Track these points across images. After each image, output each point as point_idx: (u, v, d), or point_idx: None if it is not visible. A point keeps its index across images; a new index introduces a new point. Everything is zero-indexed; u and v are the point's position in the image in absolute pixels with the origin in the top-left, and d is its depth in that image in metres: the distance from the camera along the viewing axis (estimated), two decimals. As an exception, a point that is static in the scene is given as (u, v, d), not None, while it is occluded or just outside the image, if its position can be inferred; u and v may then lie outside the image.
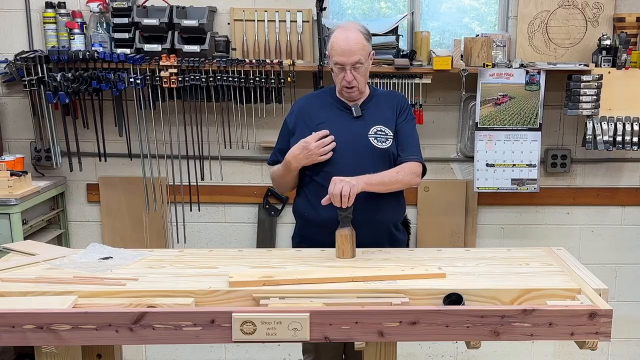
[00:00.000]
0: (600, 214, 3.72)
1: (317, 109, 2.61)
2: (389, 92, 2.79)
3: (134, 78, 3.25)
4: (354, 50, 2.43)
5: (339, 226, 2.32)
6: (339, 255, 2.32)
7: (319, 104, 2.62)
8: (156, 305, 1.91)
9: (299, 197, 2.65)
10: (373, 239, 2.50)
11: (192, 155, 3.53)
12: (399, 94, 2.82)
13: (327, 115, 2.57)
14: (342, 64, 2.45)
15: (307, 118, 2.59)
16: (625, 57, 3.35)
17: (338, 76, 2.50)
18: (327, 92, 2.67)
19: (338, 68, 2.48)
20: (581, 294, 1.98)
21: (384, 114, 2.59)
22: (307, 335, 1.80)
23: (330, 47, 2.49)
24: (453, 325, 1.82)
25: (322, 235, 2.46)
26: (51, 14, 3.35)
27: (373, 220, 2.51)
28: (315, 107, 2.62)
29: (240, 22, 3.43)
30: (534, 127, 3.42)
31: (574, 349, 3.76)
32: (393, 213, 2.61)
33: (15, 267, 2.19)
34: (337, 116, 2.57)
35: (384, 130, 2.55)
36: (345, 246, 2.31)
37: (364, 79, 2.54)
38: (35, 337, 1.79)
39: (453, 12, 3.78)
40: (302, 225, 2.65)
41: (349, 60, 2.44)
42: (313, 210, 2.53)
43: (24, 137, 3.56)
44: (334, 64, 2.49)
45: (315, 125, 2.54)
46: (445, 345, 3.82)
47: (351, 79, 2.46)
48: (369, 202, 2.47)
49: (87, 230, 3.70)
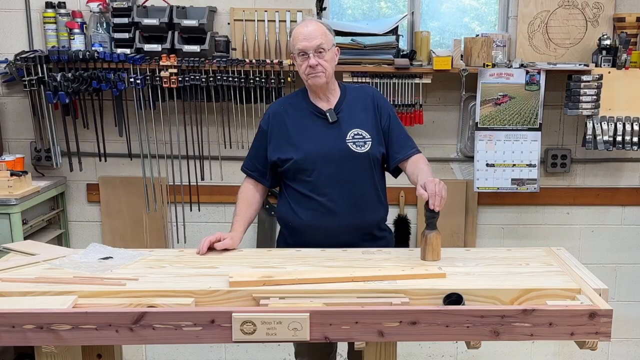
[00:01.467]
0: (600, 214, 3.72)
1: (291, 115, 2.56)
2: (359, 87, 2.70)
3: (134, 78, 3.25)
4: (315, 35, 2.42)
5: (428, 228, 2.28)
6: (432, 257, 2.28)
7: (293, 110, 2.57)
8: (156, 305, 1.91)
9: (282, 205, 2.62)
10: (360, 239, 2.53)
11: (192, 155, 3.53)
12: (370, 88, 2.72)
13: (302, 123, 2.53)
14: (304, 50, 2.42)
15: (282, 125, 2.55)
16: (625, 57, 3.35)
17: (302, 66, 2.46)
18: (299, 95, 2.61)
19: (301, 57, 2.45)
20: (581, 294, 1.98)
21: (359, 116, 2.55)
22: (307, 335, 1.80)
23: (292, 39, 2.48)
24: (453, 325, 1.82)
25: (305, 240, 2.50)
26: (51, 14, 3.35)
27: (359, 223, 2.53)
28: (289, 113, 2.57)
29: (240, 22, 3.43)
30: (534, 127, 3.43)
31: (574, 349, 3.76)
32: (377, 214, 2.60)
33: (15, 267, 2.19)
34: (312, 123, 2.53)
35: (360, 133, 2.51)
36: (438, 248, 2.30)
37: (330, 66, 2.48)
38: (35, 337, 1.79)
39: (453, 12, 3.78)
40: (286, 232, 2.64)
41: (311, 44, 2.41)
42: (296, 218, 2.54)
43: (24, 137, 3.56)
44: (297, 54, 2.45)
45: (290, 134, 2.52)
46: (445, 345, 3.82)
47: (315, 63, 2.42)
48: (354, 206, 2.50)
49: (87, 230, 3.70)
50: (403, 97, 3.39)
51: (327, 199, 2.49)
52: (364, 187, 2.53)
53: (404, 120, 3.39)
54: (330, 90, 2.55)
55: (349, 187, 2.49)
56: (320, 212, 2.50)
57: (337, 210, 2.49)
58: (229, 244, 2.42)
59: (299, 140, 2.51)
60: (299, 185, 2.52)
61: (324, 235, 2.49)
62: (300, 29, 2.47)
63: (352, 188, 2.50)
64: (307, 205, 2.51)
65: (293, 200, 2.54)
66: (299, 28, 2.48)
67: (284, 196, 2.60)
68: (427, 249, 2.28)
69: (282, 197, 2.63)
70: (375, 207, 2.58)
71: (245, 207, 2.60)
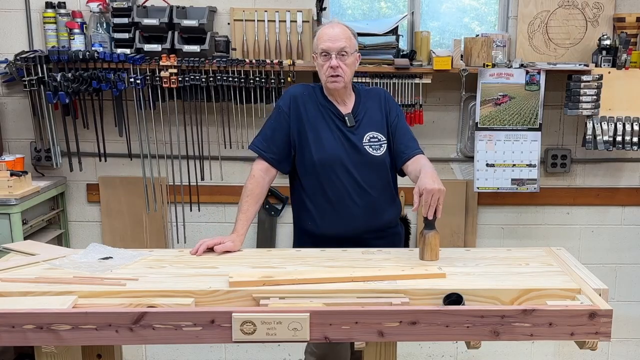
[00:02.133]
0: (600, 214, 3.72)
1: (309, 106, 2.54)
2: (370, 89, 2.72)
3: (134, 78, 3.25)
4: (340, 37, 2.44)
5: (427, 228, 2.29)
6: (430, 257, 2.28)
7: (311, 105, 2.55)
8: (156, 305, 1.91)
9: (302, 211, 2.60)
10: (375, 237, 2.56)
11: (192, 155, 3.53)
12: (380, 89, 2.75)
13: (320, 123, 2.52)
14: (328, 50, 2.43)
15: (301, 111, 2.53)
16: (625, 57, 3.35)
17: (323, 67, 2.46)
18: (317, 92, 2.59)
19: (323, 57, 2.45)
20: (581, 294, 1.98)
21: (374, 118, 2.57)
22: (307, 335, 1.80)
23: (316, 39, 2.49)
24: (453, 325, 1.82)
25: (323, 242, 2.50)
26: (51, 14, 3.35)
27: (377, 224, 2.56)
28: (307, 107, 2.55)
29: (240, 22, 3.43)
30: (534, 127, 3.43)
31: (574, 349, 3.76)
32: (392, 212, 2.64)
33: (15, 267, 2.19)
34: (330, 125, 2.53)
35: (376, 136, 2.55)
36: (437, 248, 2.30)
37: (350, 72, 2.49)
38: (35, 337, 1.79)
39: (453, 12, 3.78)
40: (304, 238, 2.63)
41: (335, 45, 2.43)
42: (315, 225, 2.55)
43: (24, 137, 3.56)
44: (320, 54, 2.46)
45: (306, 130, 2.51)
46: (445, 345, 3.82)
47: (336, 64, 2.43)
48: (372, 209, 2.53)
49: (87, 230, 3.70)
50: (403, 97, 3.39)
51: (345, 206, 2.51)
52: (380, 189, 2.56)
53: (404, 120, 3.41)
54: (347, 94, 2.57)
55: (367, 190, 2.52)
56: (336, 218, 2.52)
57: (357, 214, 2.52)
58: (229, 247, 2.39)
59: (322, 139, 2.51)
60: (321, 189, 2.52)
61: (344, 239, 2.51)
62: (326, 29, 2.48)
63: (370, 191, 2.53)
64: (326, 209, 2.52)
65: (314, 206, 2.54)
66: (325, 29, 2.49)
67: (304, 204, 2.57)
68: (426, 249, 2.29)
69: (301, 205, 2.60)
70: (391, 205, 2.62)
71: (252, 202, 2.52)
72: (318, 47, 2.47)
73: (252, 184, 2.54)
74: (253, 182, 2.54)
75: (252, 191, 2.53)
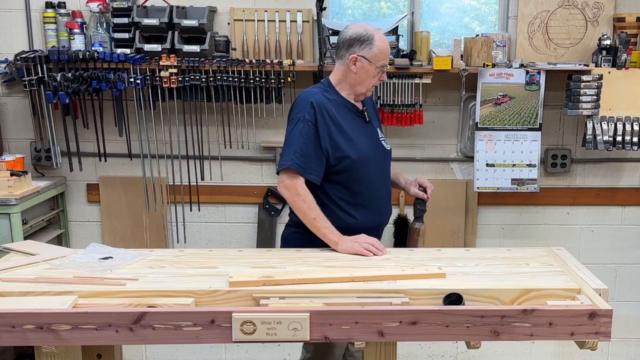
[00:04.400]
0: (600, 214, 3.72)
1: (330, 109, 2.51)
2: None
3: (134, 78, 3.25)
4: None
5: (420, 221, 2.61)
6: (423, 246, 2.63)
7: (333, 106, 2.53)
8: (156, 305, 1.91)
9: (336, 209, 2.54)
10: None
11: (192, 155, 3.53)
12: None
13: (348, 121, 2.54)
14: (385, 66, 2.54)
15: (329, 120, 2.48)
16: (625, 57, 3.35)
17: (375, 78, 2.52)
18: (330, 92, 2.57)
19: (379, 70, 2.52)
20: (581, 294, 1.98)
21: (375, 117, 2.73)
22: (307, 335, 1.80)
23: (377, 50, 2.48)
24: (453, 325, 1.82)
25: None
26: (51, 14, 3.35)
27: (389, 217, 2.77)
28: (327, 107, 2.51)
29: (240, 22, 3.43)
30: (534, 127, 3.43)
31: (574, 349, 3.76)
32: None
33: (15, 267, 2.19)
34: (357, 122, 2.59)
35: (381, 133, 2.72)
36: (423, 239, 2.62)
37: None
38: (35, 337, 1.79)
39: (453, 12, 3.78)
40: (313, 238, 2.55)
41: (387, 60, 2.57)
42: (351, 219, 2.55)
43: (24, 137, 3.56)
44: (380, 66, 2.51)
45: (345, 130, 2.50)
46: (445, 345, 3.82)
47: (385, 79, 2.62)
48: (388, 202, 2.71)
49: (87, 230, 3.70)
50: (403, 97, 3.39)
51: (376, 197, 2.59)
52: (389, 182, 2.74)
53: (404, 120, 3.43)
54: None
55: (387, 183, 2.69)
56: (370, 210, 2.57)
57: (383, 207, 2.65)
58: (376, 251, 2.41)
59: (354, 138, 2.53)
60: (351, 185, 2.54)
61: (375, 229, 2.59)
62: (385, 42, 2.53)
63: (388, 184, 2.71)
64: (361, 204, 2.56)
65: (343, 201, 2.54)
66: (386, 43, 2.53)
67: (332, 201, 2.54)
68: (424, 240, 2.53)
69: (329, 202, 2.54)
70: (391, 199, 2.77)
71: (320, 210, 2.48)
72: (380, 61, 2.50)
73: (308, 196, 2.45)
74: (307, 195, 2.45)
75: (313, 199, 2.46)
